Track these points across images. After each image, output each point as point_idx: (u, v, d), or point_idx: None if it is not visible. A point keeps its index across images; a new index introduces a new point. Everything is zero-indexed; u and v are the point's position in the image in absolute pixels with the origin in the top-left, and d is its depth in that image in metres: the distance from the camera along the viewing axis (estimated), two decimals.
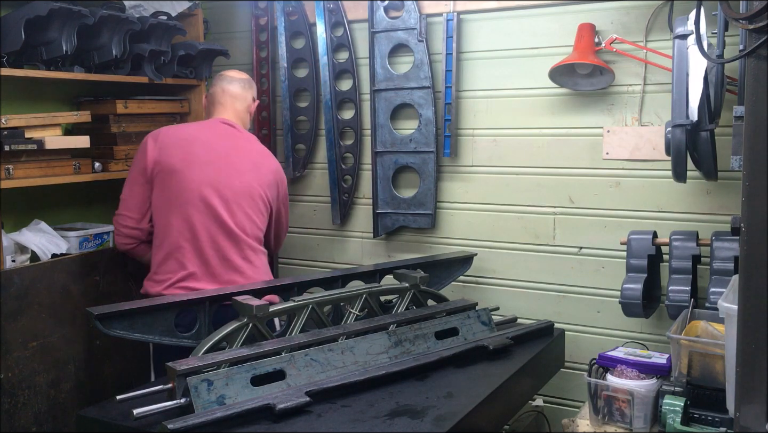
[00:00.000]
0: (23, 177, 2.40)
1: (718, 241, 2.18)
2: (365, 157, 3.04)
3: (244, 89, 2.55)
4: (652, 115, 2.48)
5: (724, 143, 2.16)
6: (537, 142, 2.69)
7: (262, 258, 2.45)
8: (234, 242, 2.34)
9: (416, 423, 1.63)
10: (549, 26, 2.62)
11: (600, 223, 2.60)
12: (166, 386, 1.65)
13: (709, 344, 1.81)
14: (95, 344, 2.54)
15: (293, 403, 1.64)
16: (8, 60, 2.35)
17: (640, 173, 2.52)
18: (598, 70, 2.48)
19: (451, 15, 2.76)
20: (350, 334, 1.97)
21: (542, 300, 2.73)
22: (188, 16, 3.02)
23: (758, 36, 1.22)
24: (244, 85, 2.55)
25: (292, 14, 3.12)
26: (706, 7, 1.98)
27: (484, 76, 2.77)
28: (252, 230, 2.40)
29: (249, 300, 1.90)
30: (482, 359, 2.07)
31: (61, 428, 2.42)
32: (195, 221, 2.30)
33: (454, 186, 2.87)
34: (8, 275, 2.28)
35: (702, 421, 1.83)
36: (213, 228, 2.31)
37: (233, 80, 2.55)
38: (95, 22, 2.47)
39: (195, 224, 2.30)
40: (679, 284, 2.20)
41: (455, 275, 2.66)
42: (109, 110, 2.77)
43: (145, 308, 1.93)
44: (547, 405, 2.71)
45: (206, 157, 2.36)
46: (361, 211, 3.09)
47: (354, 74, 3.02)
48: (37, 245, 2.53)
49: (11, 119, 2.34)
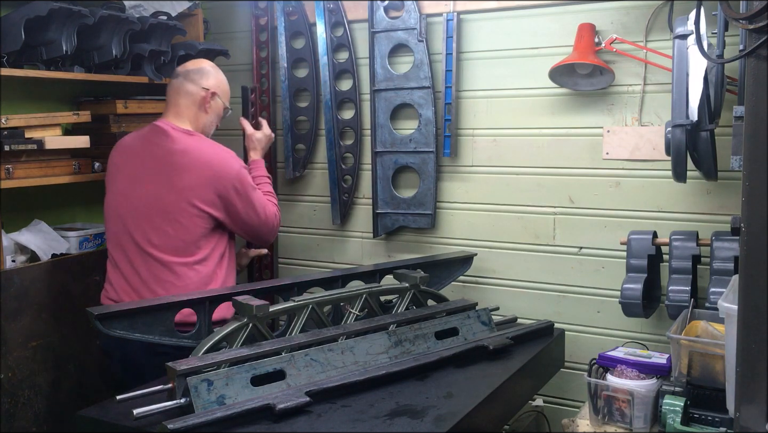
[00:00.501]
0: (23, 177, 2.40)
1: (718, 241, 2.18)
2: (365, 157, 3.04)
3: (188, 80, 2.35)
4: (652, 115, 2.48)
5: (724, 143, 2.16)
6: (537, 142, 2.69)
7: (184, 270, 2.25)
8: (144, 257, 2.25)
9: (416, 423, 1.63)
10: (549, 26, 2.62)
11: (600, 223, 2.60)
12: (166, 386, 1.65)
13: (709, 344, 1.81)
14: (95, 344, 2.54)
15: (293, 403, 1.64)
16: (8, 60, 2.35)
17: (640, 173, 2.52)
18: (598, 70, 2.48)
19: (451, 15, 2.76)
20: (350, 334, 1.96)
21: (542, 300, 2.73)
22: (188, 16, 3.03)
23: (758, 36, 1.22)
24: (189, 75, 2.36)
25: (292, 14, 3.12)
26: (706, 7, 1.98)
27: (484, 76, 2.77)
28: (164, 242, 2.24)
29: (249, 300, 1.90)
30: (482, 359, 2.07)
31: (61, 428, 2.42)
32: (111, 235, 2.33)
33: (454, 186, 2.87)
34: (8, 275, 2.28)
35: (702, 421, 1.83)
36: (126, 243, 2.28)
37: (178, 73, 2.38)
38: (95, 22, 2.47)
39: (112, 238, 2.33)
40: (679, 284, 2.20)
41: (455, 275, 2.66)
42: (109, 110, 2.77)
43: (145, 308, 1.93)
44: (547, 405, 2.71)
45: (125, 168, 2.34)
46: (361, 211, 3.09)
47: (354, 74, 3.02)
48: (37, 245, 2.53)
49: (11, 119, 2.34)
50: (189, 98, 2.35)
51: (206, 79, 2.38)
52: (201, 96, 2.36)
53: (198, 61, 2.48)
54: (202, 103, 2.36)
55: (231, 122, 3.35)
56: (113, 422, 1.64)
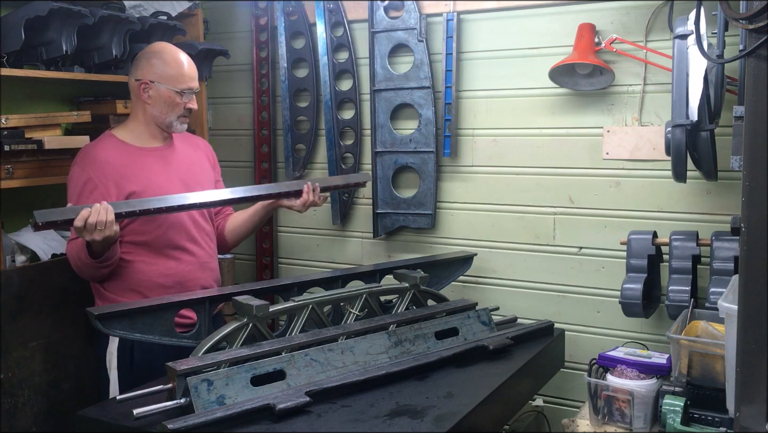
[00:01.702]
0: (23, 177, 2.40)
1: (718, 241, 2.18)
2: (365, 157, 3.04)
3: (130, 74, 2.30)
4: (652, 115, 2.48)
5: (724, 143, 2.16)
6: (537, 142, 2.69)
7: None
8: None
9: (416, 423, 1.63)
10: (549, 26, 2.62)
11: (600, 223, 2.60)
12: (166, 386, 1.65)
13: (709, 344, 1.81)
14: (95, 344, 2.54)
15: (293, 403, 1.64)
16: (8, 60, 2.35)
17: (640, 173, 2.52)
18: (598, 70, 2.48)
19: (451, 15, 2.76)
20: (350, 334, 1.97)
21: (542, 300, 2.73)
22: (188, 16, 3.02)
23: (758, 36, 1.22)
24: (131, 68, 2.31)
25: (292, 14, 3.12)
26: (706, 7, 1.98)
27: (484, 76, 2.77)
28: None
29: (249, 300, 1.90)
30: (482, 359, 2.07)
31: (61, 428, 2.42)
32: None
33: (454, 186, 2.87)
34: (8, 275, 2.28)
35: (702, 421, 1.83)
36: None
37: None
38: (95, 22, 2.47)
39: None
40: (679, 284, 2.20)
41: (455, 275, 2.66)
42: (109, 110, 2.77)
43: (145, 308, 1.93)
44: (547, 405, 2.71)
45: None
46: (361, 211, 3.09)
47: (354, 74, 3.02)
48: (37, 245, 2.53)
49: (11, 119, 2.34)
50: (132, 93, 2.30)
51: (136, 69, 2.27)
52: (135, 88, 2.27)
53: (149, 46, 2.35)
54: (139, 94, 2.27)
55: (236, 122, 3.36)
56: (113, 422, 1.64)
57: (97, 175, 2.19)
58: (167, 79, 2.24)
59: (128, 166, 2.24)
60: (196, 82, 2.32)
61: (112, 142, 2.29)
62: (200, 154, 2.51)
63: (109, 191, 2.18)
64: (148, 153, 2.31)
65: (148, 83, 2.25)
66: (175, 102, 2.26)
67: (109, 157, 2.23)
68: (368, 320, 2.07)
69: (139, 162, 2.27)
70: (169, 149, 2.37)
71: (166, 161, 2.34)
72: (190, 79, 2.29)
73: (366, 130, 3.02)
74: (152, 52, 2.28)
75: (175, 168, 2.35)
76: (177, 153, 2.39)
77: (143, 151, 2.30)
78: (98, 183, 2.18)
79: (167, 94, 2.25)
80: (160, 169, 2.30)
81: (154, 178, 2.27)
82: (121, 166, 2.23)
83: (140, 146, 2.31)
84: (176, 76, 2.25)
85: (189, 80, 2.28)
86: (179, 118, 2.30)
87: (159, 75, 2.24)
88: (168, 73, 2.25)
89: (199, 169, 2.45)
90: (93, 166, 2.21)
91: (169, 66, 2.25)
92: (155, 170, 2.29)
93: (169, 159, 2.35)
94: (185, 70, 2.27)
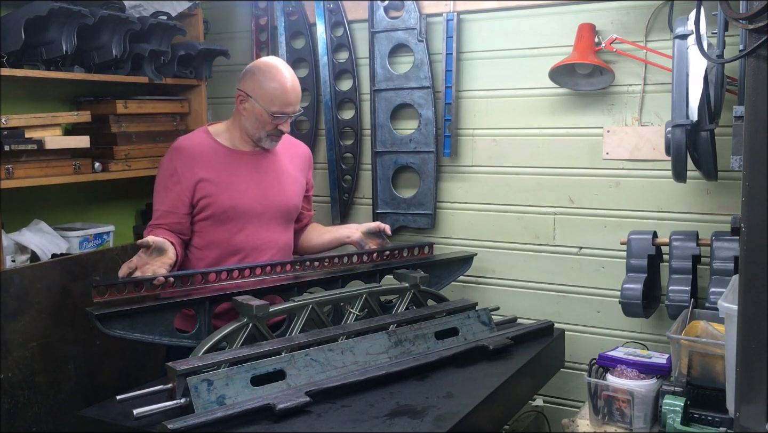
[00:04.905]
0: (23, 177, 2.40)
1: (718, 241, 2.18)
2: (365, 157, 3.04)
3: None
4: (652, 115, 2.48)
5: (724, 143, 2.16)
6: (537, 142, 2.69)
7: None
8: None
9: (416, 423, 1.63)
10: (549, 26, 2.62)
11: (600, 223, 2.60)
12: (166, 386, 1.65)
13: (709, 344, 1.81)
14: (95, 344, 2.54)
15: (293, 403, 1.64)
16: (8, 60, 2.35)
17: (640, 173, 2.52)
18: (598, 70, 2.48)
19: (451, 15, 2.76)
20: (350, 334, 1.96)
21: (542, 300, 2.73)
22: (188, 16, 3.03)
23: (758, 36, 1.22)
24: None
25: (292, 14, 3.12)
26: (706, 7, 1.98)
27: (484, 76, 2.77)
28: None
29: (249, 300, 1.90)
30: (482, 359, 2.06)
31: (61, 428, 2.42)
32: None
33: (454, 186, 2.87)
34: (8, 275, 2.28)
35: (702, 421, 1.83)
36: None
37: None
38: (95, 22, 2.47)
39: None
40: (679, 284, 2.20)
41: (455, 275, 2.65)
42: (109, 110, 2.77)
43: (145, 308, 1.92)
44: (547, 405, 2.71)
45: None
46: (361, 211, 3.09)
47: (354, 74, 3.02)
48: (37, 245, 2.53)
49: (11, 119, 2.35)
50: (235, 98, 2.29)
51: (242, 78, 2.26)
52: (236, 95, 2.27)
53: (262, 60, 2.33)
54: (237, 103, 2.27)
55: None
56: (113, 422, 1.64)
57: (182, 167, 2.21)
58: (263, 98, 2.20)
59: (211, 162, 2.24)
60: (294, 106, 2.25)
61: (205, 138, 2.29)
62: (297, 162, 2.43)
63: (188, 183, 2.20)
64: (237, 155, 2.28)
65: (246, 96, 2.22)
66: (265, 121, 2.22)
67: (195, 151, 2.24)
68: (368, 320, 2.07)
69: (223, 160, 2.26)
70: (260, 156, 2.32)
71: (253, 166, 2.29)
72: (287, 104, 2.22)
73: (366, 130, 3.02)
74: (260, 67, 2.24)
75: (261, 174, 2.30)
76: (267, 160, 2.33)
77: (232, 153, 2.28)
78: (181, 177, 2.20)
79: (260, 111, 2.21)
80: (243, 172, 2.26)
81: (230, 177, 2.24)
82: (204, 159, 2.23)
83: (231, 147, 2.29)
84: (272, 98, 2.20)
85: (285, 105, 2.22)
86: (269, 136, 2.27)
87: (257, 92, 2.20)
88: (266, 93, 2.20)
89: (288, 180, 2.37)
90: (180, 157, 2.22)
91: (270, 86, 2.20)
92: (235, 171, 2.26)
93: (257, 165, 2.30)
94: (284, 94, 2.21)
